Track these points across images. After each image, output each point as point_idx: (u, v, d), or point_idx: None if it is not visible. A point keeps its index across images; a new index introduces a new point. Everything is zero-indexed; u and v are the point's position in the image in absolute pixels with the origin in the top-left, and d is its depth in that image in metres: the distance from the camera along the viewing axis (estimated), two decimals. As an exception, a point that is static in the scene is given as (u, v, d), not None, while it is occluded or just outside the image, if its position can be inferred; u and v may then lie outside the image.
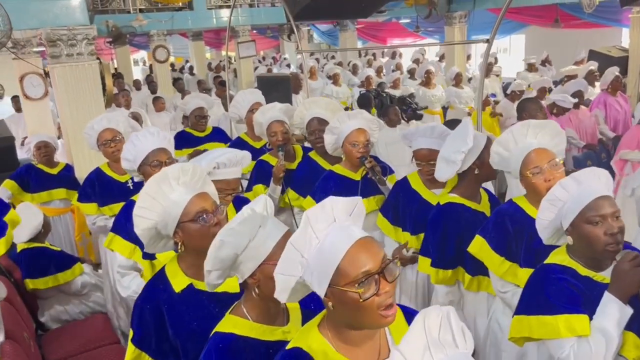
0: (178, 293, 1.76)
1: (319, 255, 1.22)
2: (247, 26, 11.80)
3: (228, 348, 1.46)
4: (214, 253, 1.44)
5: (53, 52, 4.26)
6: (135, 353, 1.79)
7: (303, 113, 3.39)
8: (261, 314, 1.50)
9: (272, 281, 1.35)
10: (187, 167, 1.83)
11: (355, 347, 1.27)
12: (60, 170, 4.41)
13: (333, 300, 1.21)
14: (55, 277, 3.57)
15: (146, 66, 19.15)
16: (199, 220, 1.75)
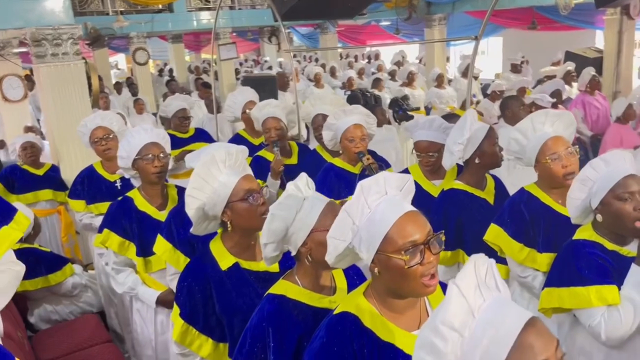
0: (224, 271, 1.87)
1: (370, 222, 1.31)
2: (228, 28, 11.78)
3: (279, 306, 1.58)
4: (267, 226, 1.57)
5: (38, 51, 4.21)
6: (183, 327, 1.90)
7: (309, 109, 3.51)
8: (311, 282, 1.62)
9: (323, 247, 1.48)
10: (232, 151, 1.95)
11: (397, 314, 1.36)
12: (46, 171, 4.36)
13: (379, 266, 1.31)
14: (46, 278, 3.52)
15: (120, 70, 18.94)
16: (248, 200, 1.85)
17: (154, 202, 2.68)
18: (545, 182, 2.34)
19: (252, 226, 1.86)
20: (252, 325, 1.62)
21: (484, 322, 1.00)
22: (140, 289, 2.67)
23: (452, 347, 0.99)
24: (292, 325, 1.56)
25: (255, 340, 1.59)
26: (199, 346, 1.91)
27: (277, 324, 1.56)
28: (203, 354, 1.92)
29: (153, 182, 2.64)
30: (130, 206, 2.67)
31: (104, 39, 10.90)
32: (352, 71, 9.98)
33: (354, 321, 1.34)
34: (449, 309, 1.00)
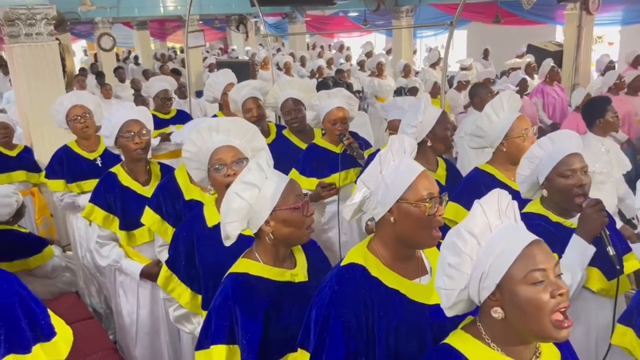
0: (210, 227, 2.00)
1: (396, 173, 1.45)
2: (196, 16, 11.68)
3: (242, 284, 1.64)
4: (229, 205, 1.61)
5: (11, 31, 4.15)
6: (167, 273, 2.08)
7: (277, 93, 3.50)
8: (271, 258, 1.68)
9: (285, 225, 1.59)
10: (228, 120, 2.07)
11: (400, 263, 1.49)
12: (19, 152, 4.31)
13: (397, 214, 1.44)
14: (26, 261, 3.49)
15: (87, 57, 18.50)
16: (215, 170, 2.00)
17: (138, 178, 2.74)
18: (506, 159, 2.46)
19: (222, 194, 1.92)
20: (216, 305, 1.66)
21: (498, 237, 1.20)
22: (124, 262, 2.73)
23: (469, 250, 1.20)
24: (257, 301, 1.63)
25: (220, 319, 1.64)
26: (179, 294, 2.08)
27: (243, 301, 1.62)
28: (182, 301, 2.09)
29: (135, 158, 2.70)
30: (114, 181, 2.73)
31: (67, 23, 10.64)
32: (322, 60, 10.07)
33: (362, 270, 1.46)
34: (471, 220, 1.21)
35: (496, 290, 1.17)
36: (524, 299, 1.13)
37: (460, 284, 1.21)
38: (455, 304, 1.25)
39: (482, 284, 1.19)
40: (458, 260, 1.20)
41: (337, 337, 1.40)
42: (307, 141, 3.33)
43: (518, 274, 1.14)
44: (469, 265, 1.20)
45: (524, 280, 1.14)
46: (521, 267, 1.14)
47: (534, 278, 1.13)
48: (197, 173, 2.10)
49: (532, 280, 1.13)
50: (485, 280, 1.18)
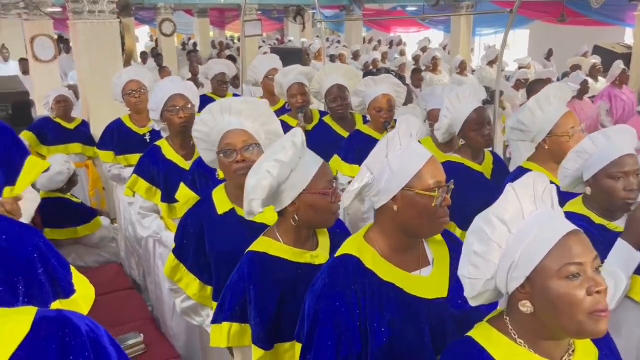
0: (220, 215, 1.92)
1: (402, 158, 1.35)
2: (255, 5, 11.80)
3: (259, 264, 1.60)
4: (259, 182, 1.53)
5: (75, 8, 4.31)
6: (174, 263, 1.97)
7: (322, 79, 3.46)
8: (293, 239, 1.64)
9: (311, 209, 1.54)
10: (242, 101, 1.97)
11: (400, 254, 1.40)
12: (77, 126, 4.48)
13: (401, 203, 1.34)
14: (75, 230, 3.65)
15: (152, 42, 19.05)
16: (224, 154, 1.91)
17: (181, 151, 2.78)
18: (549, 157, 2.31)
19: (230, 179, 1.91)
20: (232, 282, 1.64)
21: (532, 225, 1.10)
22: (164, 234, 2.78)
23: (498, 237, 1.11)
24: (273, 283, 1.59)
25: (234, 297, 1.63)
26: (187, 284, 1.99)
27: (259, 282, 1.59)
28: (190, 292, 1.99)
29: (179, 132, 2.74)
30: (158, 154, 2.78)
31: (132, 8, 10.99)
32: (377, 53, 9.99)
33: (356, 263, 1.37)
34: (502, 205, 1.11)
35: (526, 282, 1.08)
36: (557, 294, 1.04)
37: (487, 274, 1.13)
38: (480, 294, 1.17)
39: (511, 274, 1.10)
40: (485, 249, 1.12)
41: (327, 331, 1.33)
42: (348, 129, 3.30)
43: (552, 267, 1.04)
44: (496, 254, 1.12)
45: (557, 274, 1.04)
46: (556, 259, 1.04)
47: (569, 272, 1.03)
48: (207, 154, 2.03)
49: (567, 274, 1.03)
50: (515, 271, 1.09)
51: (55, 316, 0.75)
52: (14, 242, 1.31)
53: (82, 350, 0.73)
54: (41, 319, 0.74)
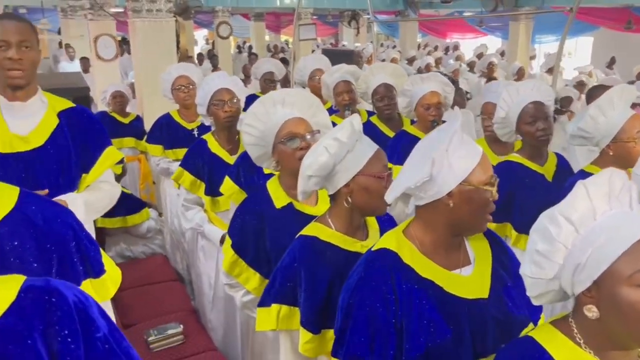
0: (278, 209, 1.91)
1: (460, 151, 1.28)
2: (310, 9, 11.90)
3: (310, 247, 1.59)
4: (316, 158, 1.55)
5: (135, 6, 4.47)
6: (233, 258, 1.97)
7: (369, 78, 3.41)
8: (344, 225, 1.62)
9: (365, 192, 1.53)
10: (293, 91, 1.97)
11: (441, 251, 1.35)
12: (131, 120, 4.62)
13: (458, 198, 1.28)
14: (124, 219, 3.76)
15: (208, 45, 19.55)
16: (286, 143, 1.88)
17: (226, 146, 2.81)
18: (613, 163, 2.17)
19: (293, 168, 1.85)
20: (282, 265, 1.65)
21: (604, 226, 1.03)
22: (207, 227, 2.81)
23: (564, 238, 1.04)
24: (323, 267, 1.58)
25: (285, 280, 1.62)
26: (246, 278, 1.98)
27: (309, 265, 1.58)
28: (249, 287, 1.98)
29: (224, 126, 2.76)
30: (203, 147, 2.82)
31: (191, 11, 11.30)
32: (431, 57, 9.84)
33: (393, 257, 1.33)
34: (570, 203, 1.05)
35: (593, 286, 1.01)
36: (627, 302, 0.96)
37: (549, 274, 1.07)
38: (542, 294, 1.11)
39: (577, 277, 1.03)
40: (549, 248, 1.05)
41: (360, 326, 1.30)
42: (395, 129, 3.24)
43: (623, 272, 0.96)
44: (561, 254, 1.05)
45: (629, 280, 0.96)
46: (628, 264, 0.96)
47: None
48: (255, 150, 2.01)
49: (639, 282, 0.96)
50: (581, 274, 1.02)
51: (42, 285, 0.75)
52: (50, 220, 1.34)
53: (68, 320, 0.73)
54: (28, 287, 0.74)
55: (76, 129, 1.99)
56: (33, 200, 1.33)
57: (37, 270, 1.30)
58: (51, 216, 1.34)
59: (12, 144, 1.86)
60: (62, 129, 1.94)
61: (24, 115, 1.89)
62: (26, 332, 0.70)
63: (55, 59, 11.79)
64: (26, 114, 1.90)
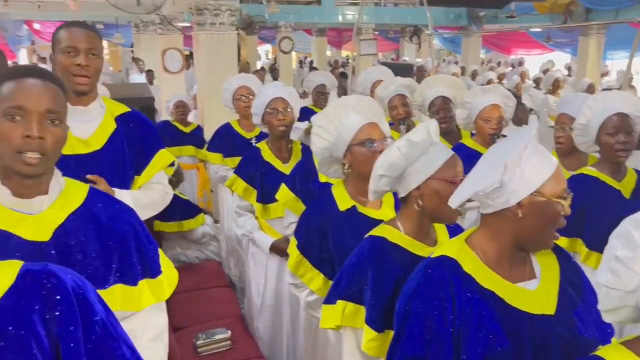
0: (342, 211, 1.94)
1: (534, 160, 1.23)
2: (371, 24, 11.95)
3: (379, 246, 1.61)
4: (388, 158, 1.57)
5: (199, 20, 4.64)
6: (298, 258, 2.02)
7: (425, 91, 3.35)
8: (413, 229, 1.62)
9: (436, 196, 1.52)
10: (365, 98, 2.00)
11: (505, 263, 1.30)
12: (192, 130, 4.78)
13: (528, 209, 1.23)
14: (180, 223, 3.87)
15: (269, 59, 20.01)
16: (365, 144, 1.89)
17: (280, 154, 2.84)
18: None
19: (368, 171, 1.83)
20: (350, 263, 1.66)
21: None
22: (257, 234, 2.84)
23: None
24: (390, 267, 1.58)
25: (351, 277, 1.63)
26: (310, 278, 2.01)
27: (376, 264, 1.59)
28: (313, 287, 2.01)
29: (277, 135, 2.79)
30: (257, 156, 2.86)
31: (255, 26, 11.61)
32: (493, 73, 9.61)
33: (453, 265, 1.30)
34: None
35: None
36: None
37: (627, 285, 0.99)
38: (616, 309, 1.03)
39: None
40: (630, 255, 0.98)
41: (415, 333, 1.27)
42: (453, 142, 3.16)
43: None
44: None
45: None
46: None
47: None
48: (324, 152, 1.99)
49: None
50: None
51: (40, 269, 0.77)
52: (113, 218, 1.38)
53: (66, 304, 0.75)
54: (26, 271, 0.76)
55: (131, 133, 2.05)
56: (100, 198, 1.39)
57: (99, 266, 1.33)
58: (115, 214, 1.39)
59: (74, 146, 1.94)
60: (119, 133, 2.01)
61: (85, 119, 1.97)
62: (25, 314, 0.72)
63: (127, 72, 12.41)
64: (87, 118, 1.97)
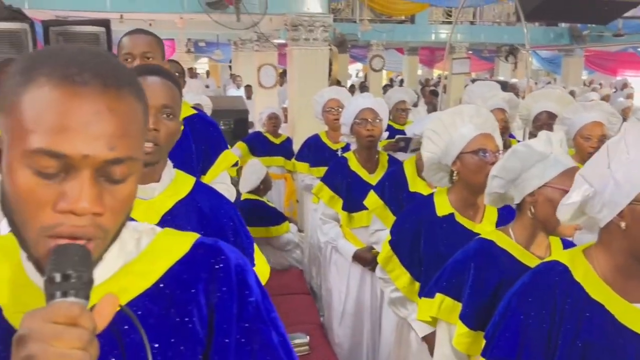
0: (439, 217, 1.96)
1: (629, 167, 1.16)
2: (465, 43, 11.77)
3: (486, 248, 1.60)
4: (503, 161, 1.58)
5: (294, 35, 4.81)
6: (389, 254, 2.08)
7: (530, 105, 3.29)
8: (525, 238, 1.59)
9: (550, 204, 1.48)
10: (483, 111, 1.99)
11: (623, 279, 1.22)
12: (282, 141, 4.94)
13: (630, 218, 1.16)
14: (267, 229, 4.01)
15: (359, 78, 20.21)
16: (478, 154, 1.87)
17: (366, 165, 2.86)
18: None
19: (476, 182, 1.86)
20: (454, 259, 1.67)
21: None
22: (341, 242, 2.87)
23: None
24: (495, 269, 1.56)
25: (454, 273, 1.65)
26: (397, 275, 2.06)
27: (480, 263, 1.59)
28: (399, 284, 2.06)
29: (365, 145, 2.81)
30: (344, 165, 2.91)
31: (347, 44, 11.82)
32: (596, 94, 9.08)
33: (563, 271, 1.26)
34: None
35: None
36: None
37: None
38: None
39: None
40: None
41: (511, 332, 1.24)
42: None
43: None
44: None
45: None
46: None
47: None
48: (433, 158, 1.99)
49: None
50: None
51: (211, 244, 0.81)
52: (215, 209, 1.46)
53: (227, 278, 0.78)
54: (200, 243, 0.81)
55: (198, 133, 2.15)
56: (204, 190, 1.49)
57: None
58: (216, 206, 1.47)
59: None
60: (186, 134, 2.08)
61: None
62: (192, 282, 0.76)
63: (224, 88, 13.06)
64: None
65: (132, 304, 0.72)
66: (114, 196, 0.64)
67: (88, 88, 0.60)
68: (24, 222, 0.63)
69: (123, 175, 0.64)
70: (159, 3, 4.57)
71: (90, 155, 0.60)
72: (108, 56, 0.67)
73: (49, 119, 0.59)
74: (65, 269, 0.57)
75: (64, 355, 0.51)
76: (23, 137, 0.60)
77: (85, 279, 0.58)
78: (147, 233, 0.80)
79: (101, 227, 0.64)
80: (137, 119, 0.66)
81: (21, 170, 0.61)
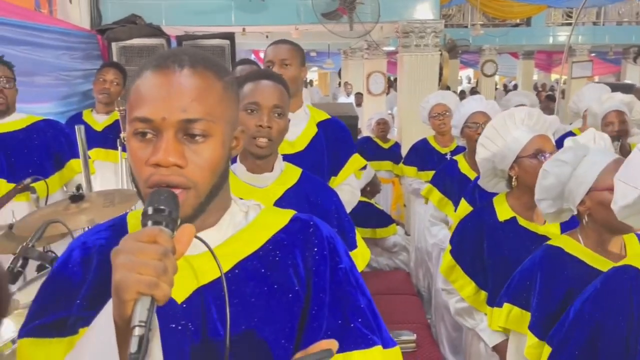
0: (501, 222, 1.94)
1: None
2: (587, 45, 11.08)
3: (553, 255, 1.58)
4: (539, 182, 1.58)
5: (405, 42, 4.89)
6: (451, 263, 2.06)
7: None
8: (594, 242, 1.56)
9: (603, 208, 1.44)
10: (534, 112, 1.98)
11: None
12: (391, 146, 5.03)
13: None
14: (374, 230, 4.13)
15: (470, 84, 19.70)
16: (537, 157, 1.86)
17: (477, 168, 2.84)
18: None
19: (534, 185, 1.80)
20: (522, 268, 1.65)
21: None
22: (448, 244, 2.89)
23: None
24: (562, 276, 1.52)
25: (521, 281, 1.63)
26: (461, 285, 2.01)
27: (547, 271, 1.55)
28: (464, 294, 2.00)
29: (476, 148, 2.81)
30: (454, 167, 2.94)
31: (458, 50, 11.62)
32: None
33: (636, 274, 1.23)
34: None
35: None
36: None
37: None
38: None
39: None
40: None
41: (583, 337, 1.24)
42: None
43: None
44: None
45: None
46: None
47: None
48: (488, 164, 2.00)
49: None
50: None
51: (306, 218, 0.96)
52: (320, 196, 1.65)
53: (321, 247, 0.91)
54: (296, 217, 0.95)
55: (330, 137, 2.28)
56: (309, 179, 1.67)
57: None
58: (321, 192, 1.65)
59: (282, 147, 2.24)
60: (319, 137, 2.24)
61: (292, 123, 2.27)
62: (291, 246, 0.91)
63: (334, 96, 13.40)
64: (293, 122, 2.25)
65: (241, 263, 0.88)
66: (196, 152, 0.79)
67: (169, 70, 0.79)
68: (137, 180, 0.80)
69: (200, 132, 0.79)
70: (278, 15, 4.87)
71: (167, 117, 0.77)
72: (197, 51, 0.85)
73: (143, 95, 0.79)
74: (155, 204, 0.72)
75: (143, 263, 0.65)
76: (130, 114, 0.80)
77: (172, 215, 0.73)
78: (253, 208, 0.96)
79: (186, 177, 0.78)
80: (213, 90, 0.81)
81: (131, 137, 0.80)
